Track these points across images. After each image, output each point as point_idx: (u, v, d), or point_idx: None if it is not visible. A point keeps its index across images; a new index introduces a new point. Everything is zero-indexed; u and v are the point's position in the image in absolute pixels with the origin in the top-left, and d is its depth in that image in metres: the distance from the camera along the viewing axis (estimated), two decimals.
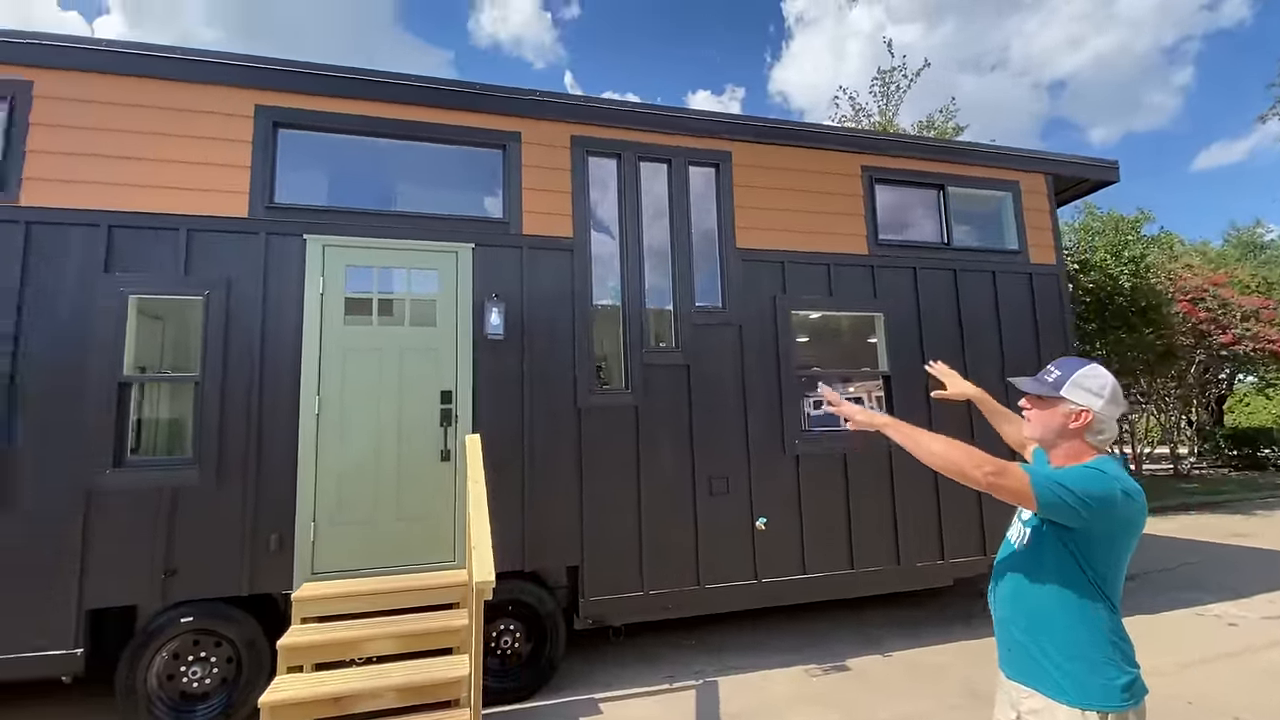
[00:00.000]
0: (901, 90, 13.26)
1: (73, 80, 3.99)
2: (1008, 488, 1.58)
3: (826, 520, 5.03)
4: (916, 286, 5.61)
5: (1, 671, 3.48)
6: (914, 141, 6.28)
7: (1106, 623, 1.59)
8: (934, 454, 1.71)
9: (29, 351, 3.72)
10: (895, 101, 13.26)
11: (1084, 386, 1.70)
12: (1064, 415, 1.70)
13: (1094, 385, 1.69)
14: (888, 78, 13.35)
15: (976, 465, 1.61)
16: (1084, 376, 1.71)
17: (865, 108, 13.55)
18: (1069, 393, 1.71)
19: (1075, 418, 1.68)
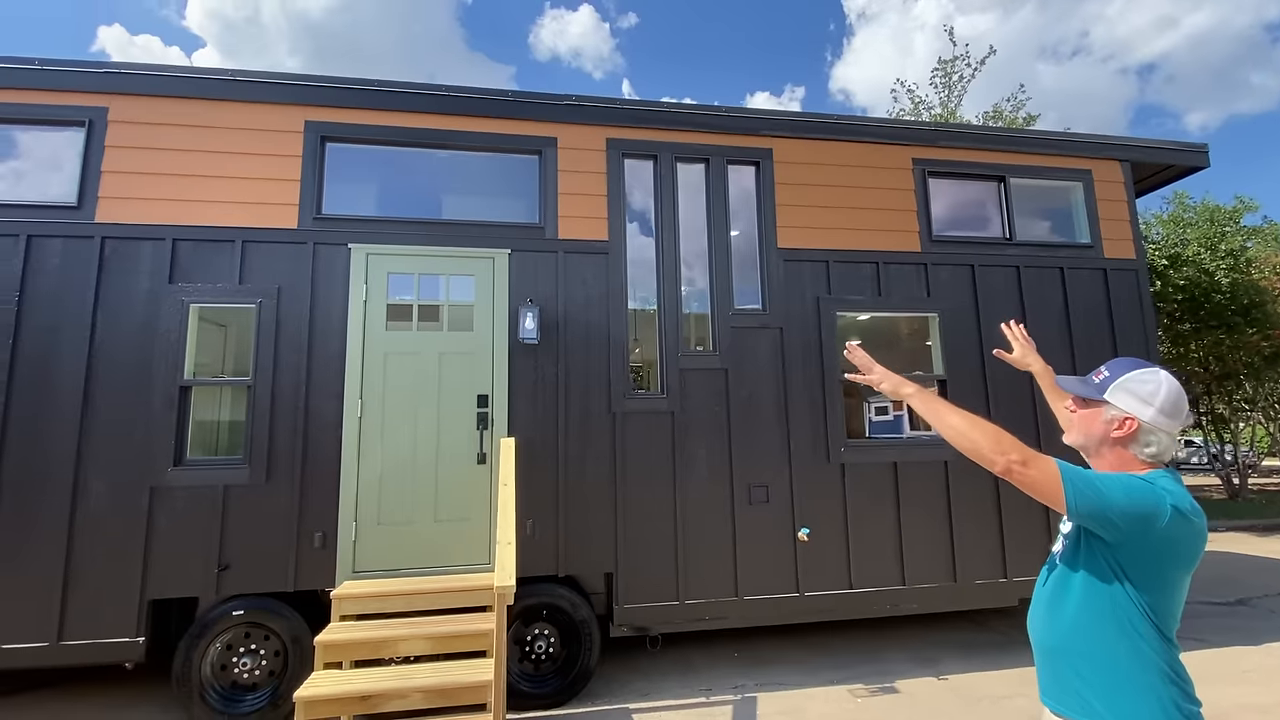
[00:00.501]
0: (965, 80, 12.60)
1: (142, 104, 4.29)
2: (1032, 480, 1.41)
3: (875, 532, 4.77)
4: (975, 285, 5.27)
5: (73, 656, 3.74)
6: (970, 131, 5.91)
7: (1158, 653, 1.39)
8: (953, 429, 1.53)
9: (103, 356, 4.01)
10: (958, 92, 12.61)
11: (1132, 391, 1.49)
12: (1106, 422, 1.51)
13: (1143, 391, 1.48)
14: (949, 68, 12.71)
15: (998, 449, 1.44)
16: (1133, 380, 1.50)
17: (925, 100, 12.94)
18: (1114, 396, 1.51)
19: (1119, 425, 1.49)
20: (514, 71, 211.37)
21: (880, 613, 4.78)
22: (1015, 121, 12.28)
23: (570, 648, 4.31)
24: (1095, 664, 1.43)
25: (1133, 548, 1.38)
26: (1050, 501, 1.41)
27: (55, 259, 4.03)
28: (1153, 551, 1.39)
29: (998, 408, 5.02)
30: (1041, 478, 1.41)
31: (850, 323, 5.34)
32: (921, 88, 14.80)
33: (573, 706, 4.21)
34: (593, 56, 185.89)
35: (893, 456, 4.92)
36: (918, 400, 1.64)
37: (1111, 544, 1.40)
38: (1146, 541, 1.38)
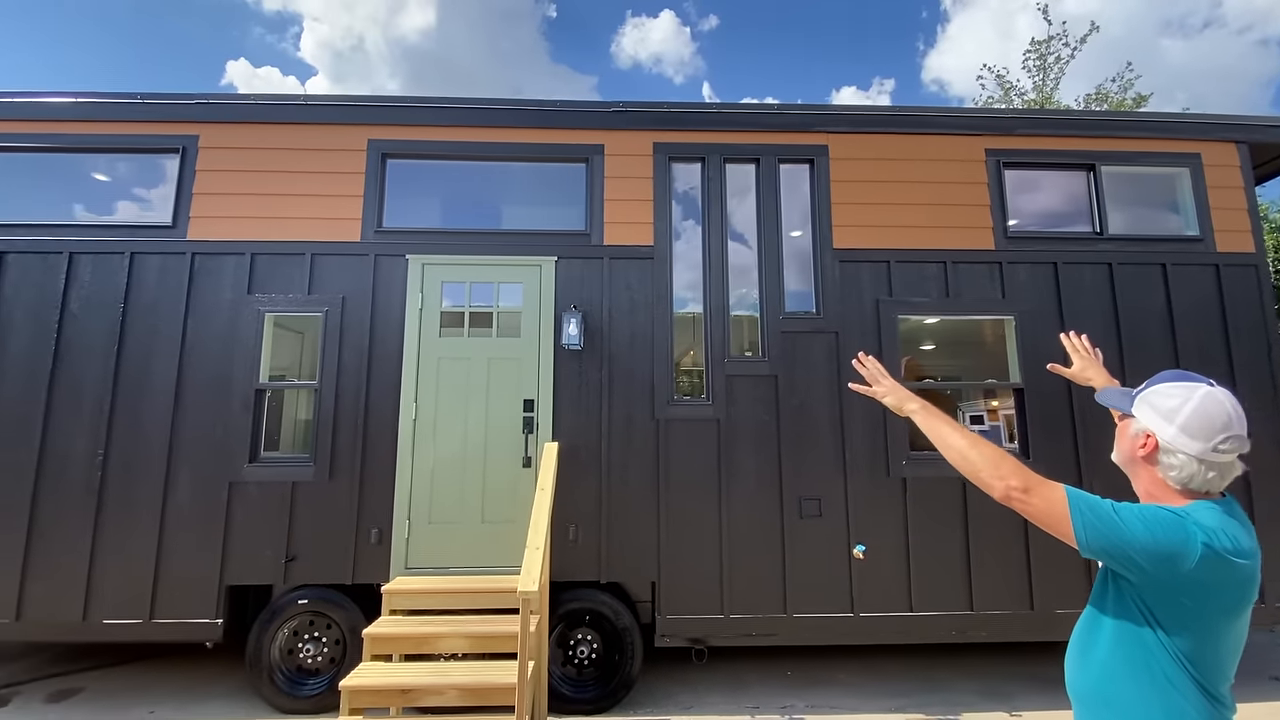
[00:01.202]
0: (1063, 62, 11.55)
1: (228, 131, 4.70)
2: (1035, 509, 1.28)
3: (939, 553, 4.44)
4: (1058, 284, 4.81)
5: (162, 634, 4.13)
6: (1054, 117, 5.41)
7: (1198, 710, 1.19)
8: (954, 450, 1.43)
9: (191, 361, 4.41)
10: (1055, 75, 11.58)
11: (1154, 404, 1.32)
12: (1132, 437, 1.35)
13: (1166, 405, 1.30)
14: (1044, 49, 11.71)
15: (997, 473, 1.32)
16: (1158, 392, 1.33)
17: (1017, 85, 11.98)
18: (1138, 409, 1.35)
19: (1142, 442, 1.32)
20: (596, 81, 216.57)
21: (943, 639, 4.44)
22: (1123, 103, 11.13)
23: (613, 655, 4.30)
24: (1125, 717, 1.25)
25: (1160, 589, 1.21)
26: (1059, 534, 1.27)
27: (153, 273, 4.48)
28: (1184, 595, 1.20)
29: (1085, 419, 4.55)
30: (1045, 506, 1.27)
31: (915, 326, 5.01)
32: (1013, 71, 13.69)
33: (614, 714, 4.19)
34: (673, 61, 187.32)
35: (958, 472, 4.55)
36: (921, 416, 1.54)
37: (1137, 584, 1.22)
38: (1175, 583, 1.19)
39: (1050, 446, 4.58)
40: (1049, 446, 4.58)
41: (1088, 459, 4.52)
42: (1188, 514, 1.23)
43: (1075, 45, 11.48)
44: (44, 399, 4.30)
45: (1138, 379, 4.58)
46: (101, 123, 4.67)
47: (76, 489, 4.23)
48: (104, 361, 4.36)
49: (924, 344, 7.03)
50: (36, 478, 4.22)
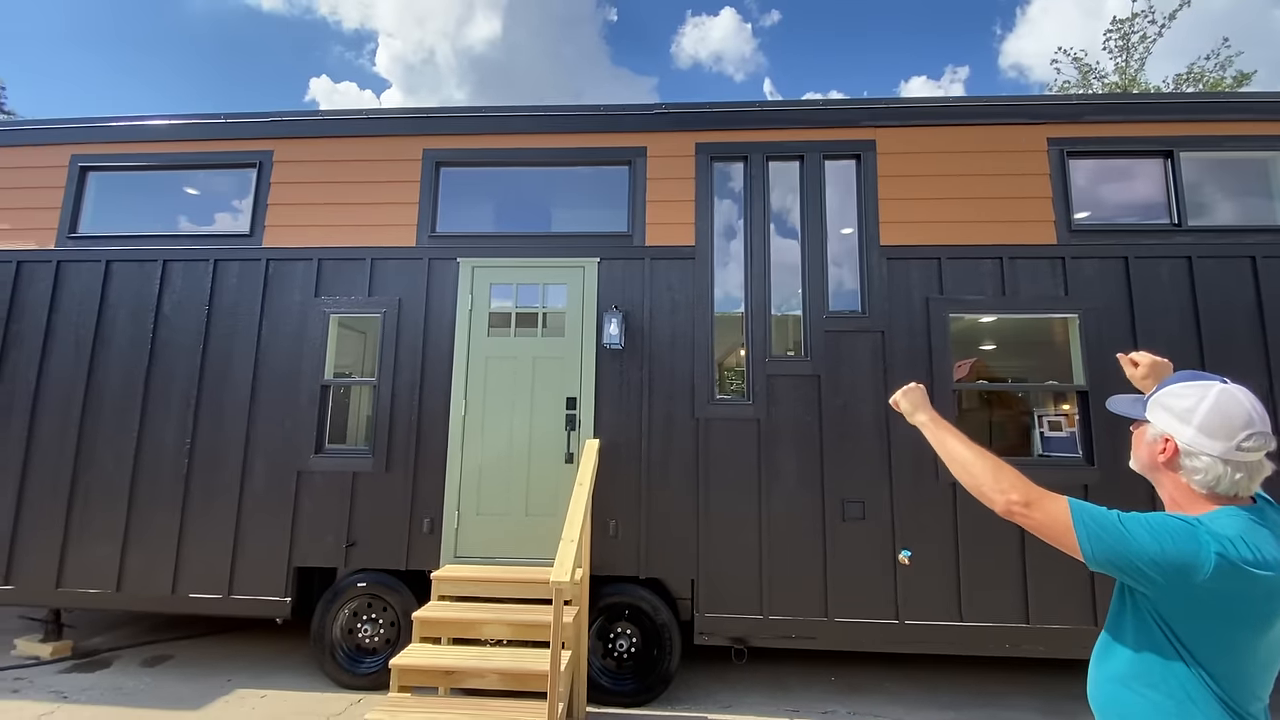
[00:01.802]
0: (1149, 40, 10.70)
1: (298, 146, 5.06)
2: (1037, 522, 1.25)
3: (992, 561, 4.26)
4: (1129, 280, 4.50)
5: (238, 608, 4.51)
6: (1126, 101, 5.06)
7: None
8: (955, 462, 1.44)
9: (266, 358, 4.79)
10: (1140, 55, 10.74)
11: (1166, 406, 1.28)
12: (1149, 443, 1.31)
13: (1180, 405, 1.26)
14: (1127, 28, 10.87)
15: (998, 486, 1.31)
16: (1171, 393, 1.28)
17: (1097, 68, 11.18)
18: (1152, 413, 1.31)
19: (1161, 447, 1.27)
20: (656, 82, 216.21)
21: (995, 652, 4.24)
22: (1220, 83, 10.19)
23: (651, 650, 4.36)
24: None
25: (1175, 602, 1.16)
26: (1065, 547, 1.23)
27: (233, 279, 4.89)
28: (1201, 608, 1.15)
29: None
30: (1047, 520, 1.24)
31: (969, 325, 4.82)
32: (1093, 53, 12.73)
33: (651, 708, 4.24)
34: (734, 59, 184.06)
35: None
36: (929, 429, 1.57)
37: (1152, 597, 1.18)
38: (1189, 596, 1.14)
39: (1118, 455, 4.29)
40: (1117, 455, 4.29)
41: None
42: (1201, 522, 1.18)
43: (1163, 22, 10.61)
44: (141, 393, 4.78)
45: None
46: (190, 142, 5.14)
47: (167, 475, 4.67)
48: (191, 360, 4.80)
49: (983, 344, 6.73)
50: (135, 465, 4.70)
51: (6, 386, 4.85)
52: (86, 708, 4.00)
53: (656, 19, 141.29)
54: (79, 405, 4.78)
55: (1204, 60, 10.34)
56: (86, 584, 4.59)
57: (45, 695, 4.15)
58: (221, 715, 3.98)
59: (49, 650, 4.73)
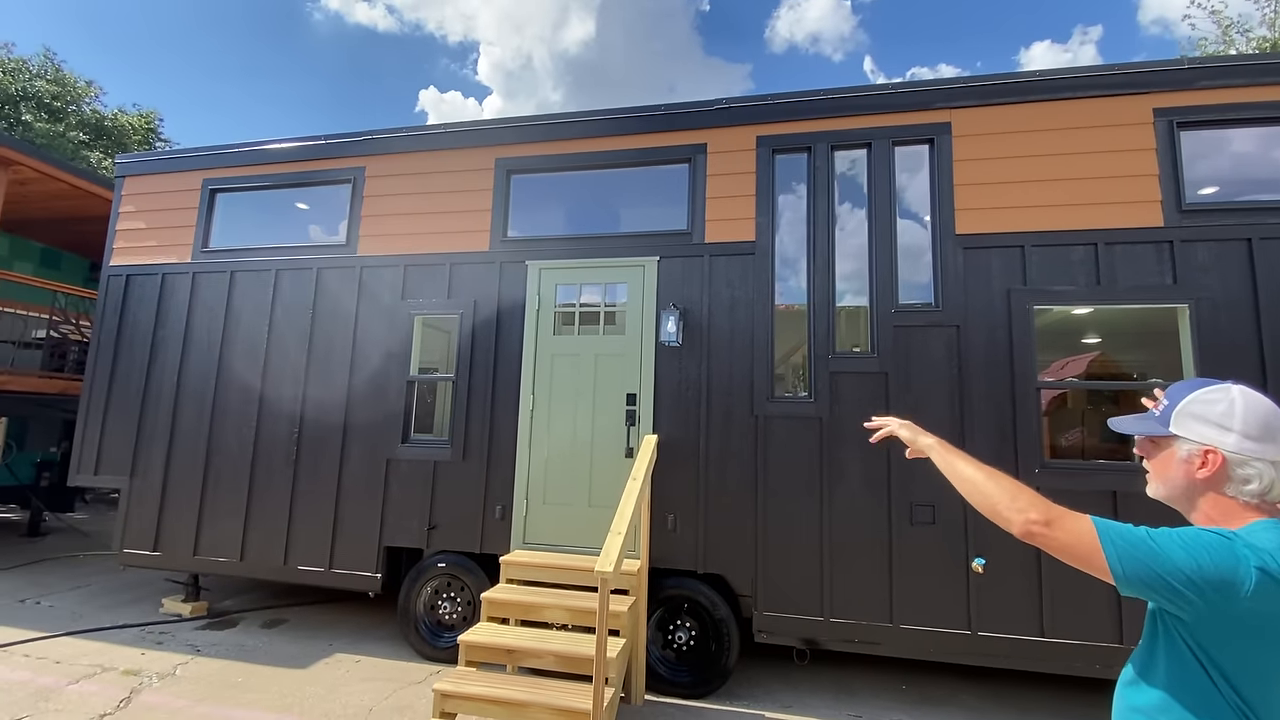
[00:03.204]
0: None
1: (389, 162, 5.51)
2: (1061, 544, 1.17)
3: (1081, 576, 3.89)
4: (1253, 264, 3.98)
5: (337, 581, 5.02)
6: (1246, 63, 4.43)
7: None
8: (966, 483, 1.36)
9: (359, 353, 5.26)
10: None
11: (1200, 415, 1.18)
12: (1183, 461, 1.20)
13: (1214, 413, 1.16)
14: None
15: (1015, 506, 1.23)
16: (1197, 402, 1.19)
17: (1239, 21, 9.77)
18: (1180, 426, 1.20)
19: (1201, 463, 1.17)
20: (750, 69, 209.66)
21: (1084, 672, 3.91)
22: None
23: (709, 644, 4.40)
24: None
25: (1215, 626, 1.07)
26: (1093, 569, 1.14)
27: (333, 284, 5.42)
28: (1242, 631, 1.06)
29: None
30: (1071, 539, 1.16)
31: (1058, 318, 4.45)
32: (1235, 5, 11.06)
33: (710, 701, 4.29)
34: (832, 39, 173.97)
35: (1111, 484, 3.99)
36: (937, 452, 1.48)
37: (1190, 623, 1.09)
38: (1231, 617, 1.05)
39: None
40: None
41: None
42: (1237, 535, 1.09)
43: None
44: (259, 388, 5.41)
45: None
46: (297, 163, 5.74)
47: (280, 460, 5.27)
48: (298, 358, 5.38)
49: (1088, 337, 6.17)
50: (254, 451, 5.34)
51: (155, 383, 5.67)
52: (214, 660, 4.62)
53: (749, 4, 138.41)
54: (210, 399, 5.50)
55: None
56: (217, 553, 5.29)
57: (182, 648, 4.83)
58: (322, 675, 4.45)
59: (189, 609, 5.49)
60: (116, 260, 6.03)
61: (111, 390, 5.77)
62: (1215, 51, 10.46)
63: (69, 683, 4.18)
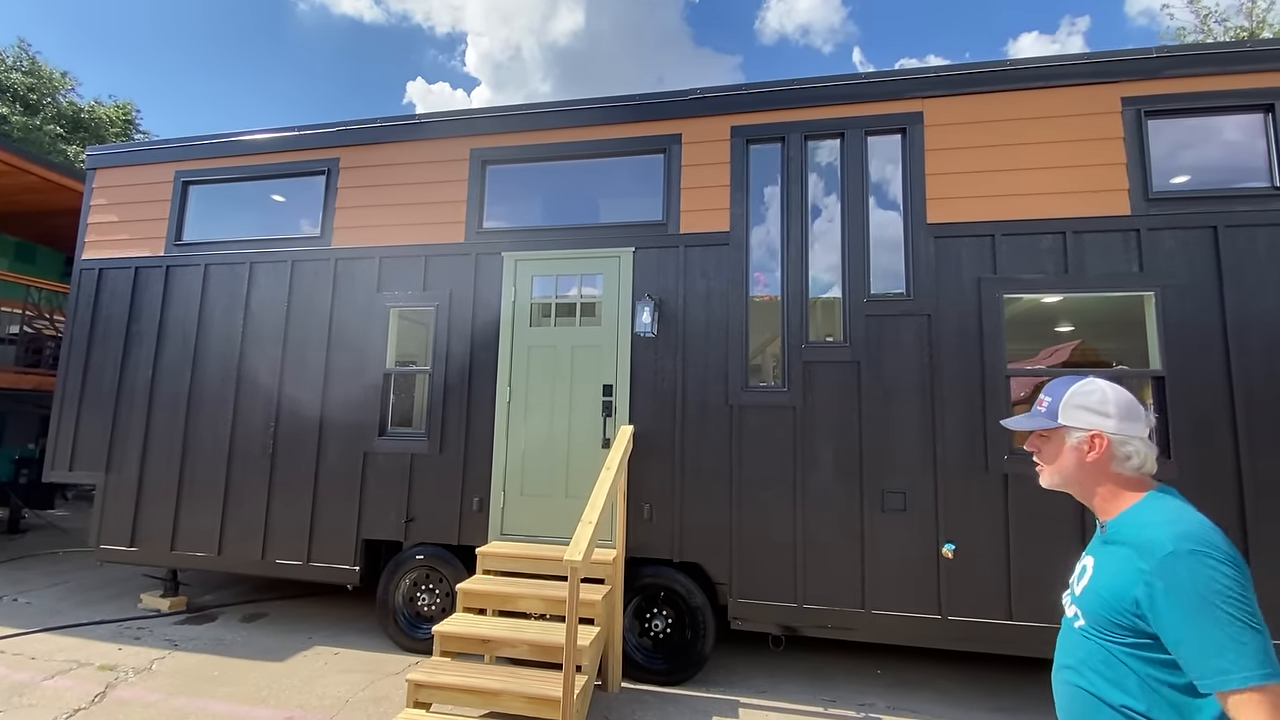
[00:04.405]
0: None
1: (362, 153, 5.46)
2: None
3: (1046, 559, 3.99)
4: (1218, 252, 4.03)
5: (315, 574, 5.02)
6: (1214, 51, 4.47)
7: None
8: None
9: (336, 349, 5.24)
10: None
11: (1082, 405, 1.34)
12: (1074, 449, 1.35)
13: (1092, 401, 1.33)
14: None
15: None
16: (1078, 394, 1.36)
17: (1216, 10, 9.84)
18: (1068, 417, 1.35)
19: (1090, 446, 1.32)
20: (740, 60, 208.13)
21: (1049, 654, 3.97)
22: None
23: (685, 631, 4.44)
24: None
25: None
26: None
27: (308, 277, 5.38)
28: None
29: (1249, 414, 3.80)
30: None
31: (1026, 307, 4.50)
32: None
33: (686, 688, 4.33)
34: (822, 31, 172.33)
35: None
36: None
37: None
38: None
39: (1200, 450, 3.88)
40: (1199, 450, 3.88)
41: (1251, 466, 3.77)
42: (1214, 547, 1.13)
43: None
44: (234, 381, 5.38)
45: None
46: (270, 154, 5.68)
47: (256, 454, 5.25)
48: (274, 351, 5.34)
49: (1059, 326, 6.24)
50: (230, 445, 5.31)
51: (129, 378, 5.62)
52: (192, 655, 4.62)
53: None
54: (185, 393, 5.46)
55: None
56: (194, 548, 5.27)
57: (160, 643, 4.82)
58: (300, 668, 4.46)
59: (167, 605, 5.48)
60: (89, 254, 5.96)
61: (85, 385, 5.71)
62: (1194, 41, 10.65)
63: (44, 678, 4.17)
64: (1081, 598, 1.33)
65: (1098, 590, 1.27)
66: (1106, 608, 1.22)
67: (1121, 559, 1.23)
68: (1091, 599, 1.28)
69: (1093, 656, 1.25)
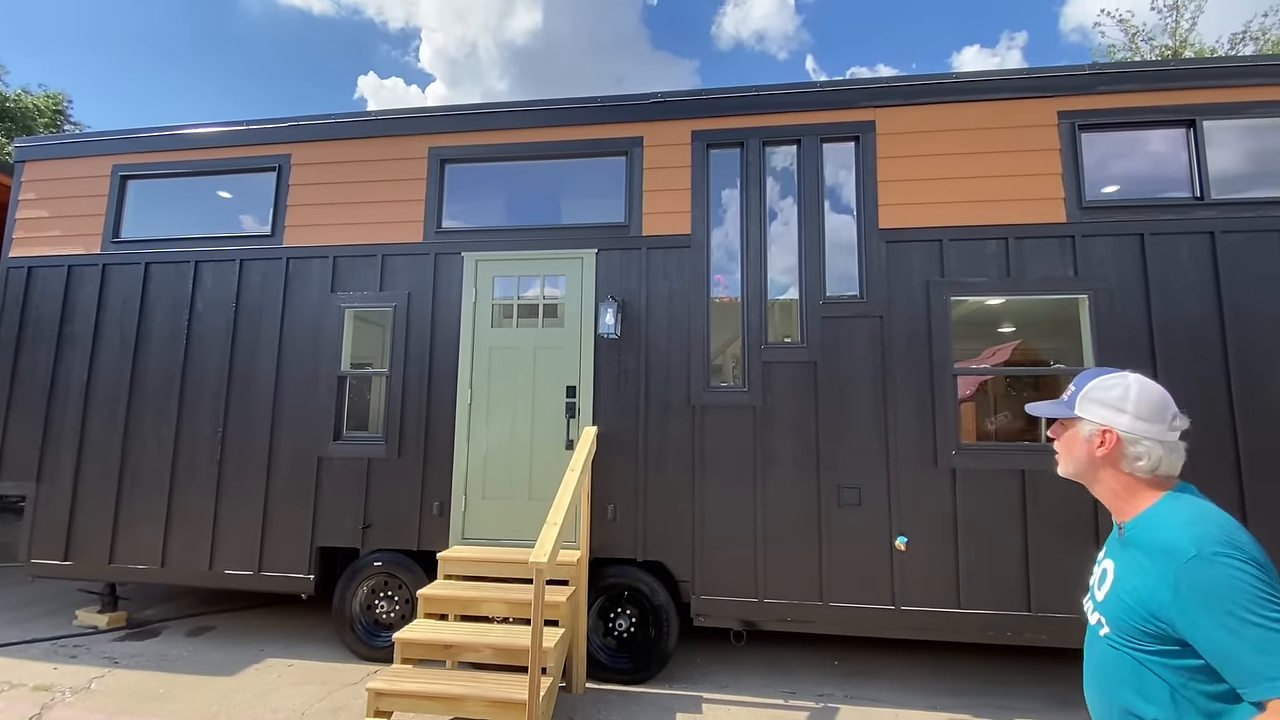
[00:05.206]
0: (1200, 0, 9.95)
1: (315, 149, 5.31)
2: None
3: (992, 548, 4.19)
4: (1145, 258, 4.31)
5: (267, 584, 4.85)
6: (1140, 70, 4.78)
7: None
8: None
9: (288, 351, 5.08)
10: (1191, 14, 10.01)
11: (1098, 399, 1.31)
12: (1085, 440, 1.32)
13: (1110, 397, 1.29)
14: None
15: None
16: (1097, 387, 1.32)
17: (1144, 29, 10.48)
18: (1083, 409, 1.33)
19: (1100, 442, 1.29)
20: (697, 65, 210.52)
21: (997, 640, 4.19)
22: None
23: (649, 630, 4.48)
24: None
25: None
26: None
27: (258, 277, 5.21)
28: None
29: (1190, 409, 4.07)
30: None
31: (972, 309, 4.71)
32: (1141, 14, 11.86)
33: (649, 686, 4.37)
34: (777, 38, 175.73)
35: (1021, 464, 4.26)
36: None
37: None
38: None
39: None
40: None
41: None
42: (1238, 549, 1.11)
43: None
44: (179, 385, 5.16)
45: (1247, 362, 4.21)
46: (217, 149, 5.47)
47: (203, 460, 5.05)
48: (221, 353, 5.15)
49: (1003, 327, 6.54)
50: (174, 451, 5.09)
51: (62, 382, 5.32)
52: (134, 672, 4.41)
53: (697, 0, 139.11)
54: (125, 397, 5.20)
55: (1263, 17, 9.58)
56: (135, 560, 5.03)
57: (99, 661, 4.58)
58: (251, 682, 4.31)
59: (105, 620, 5.21)
60: (17, 251, 5.61)
61: (13, 391, 5.38)
62: (1124, 58, 11.34)
63: None
64: (1104, 604, 1.29)
65: (1121, 597, 1.24)
66: (1132, 615, 1.19)
67: (1143, 564, 1.20)
68: (1115, 606, 1.25)
69: (1121, 667, 1.22)
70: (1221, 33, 9.93)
